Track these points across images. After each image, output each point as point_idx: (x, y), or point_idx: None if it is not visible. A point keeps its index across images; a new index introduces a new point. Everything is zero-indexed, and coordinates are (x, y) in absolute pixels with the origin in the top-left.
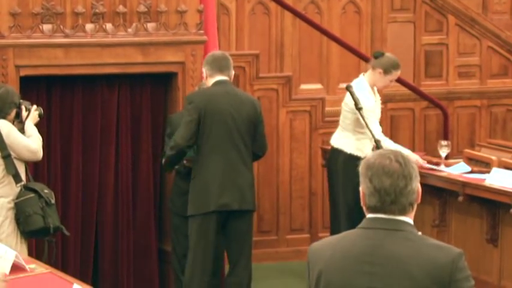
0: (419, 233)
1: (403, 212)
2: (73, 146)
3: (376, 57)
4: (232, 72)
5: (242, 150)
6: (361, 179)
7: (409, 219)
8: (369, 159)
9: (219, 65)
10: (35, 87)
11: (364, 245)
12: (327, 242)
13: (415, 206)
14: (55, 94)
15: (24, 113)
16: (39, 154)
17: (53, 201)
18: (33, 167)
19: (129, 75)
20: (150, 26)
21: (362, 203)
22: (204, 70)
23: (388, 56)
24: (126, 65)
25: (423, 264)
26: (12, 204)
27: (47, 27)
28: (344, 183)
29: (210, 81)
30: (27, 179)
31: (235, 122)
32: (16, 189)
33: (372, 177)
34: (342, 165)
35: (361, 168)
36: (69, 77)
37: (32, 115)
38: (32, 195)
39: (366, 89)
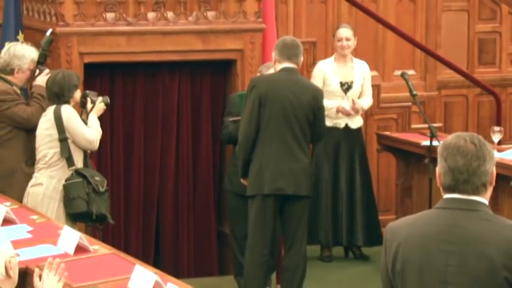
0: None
1: (477, 192)
2: (135, 132)
3: None
4: (301, 59)
5: (299, 136)
6: (438, 159)
7: (484, 199)
8: (446, 140)
9: (287, 53)
10: (98, 74)
11: (441, 224)
12: (404, 221)
13: (490, 188)
14: (118, 81)
15: (89, 105)
16: (95, 144)
17: (102, 189)
18: (97, 152)
19: (189, 62)
20: (210, 14)
21: (438, 183)
22: (273, 54)
23: None
24: (187, 52)
25: (500, 244)
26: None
27: (110, 15)
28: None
29: (278, 67)
30: (85, 165)
31: (293, 108)
32: (68, 172)
33: (447, 156)
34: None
35: (438, 148)
36: (131, 65)
37: (97, 108)
38: (80, 179)
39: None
